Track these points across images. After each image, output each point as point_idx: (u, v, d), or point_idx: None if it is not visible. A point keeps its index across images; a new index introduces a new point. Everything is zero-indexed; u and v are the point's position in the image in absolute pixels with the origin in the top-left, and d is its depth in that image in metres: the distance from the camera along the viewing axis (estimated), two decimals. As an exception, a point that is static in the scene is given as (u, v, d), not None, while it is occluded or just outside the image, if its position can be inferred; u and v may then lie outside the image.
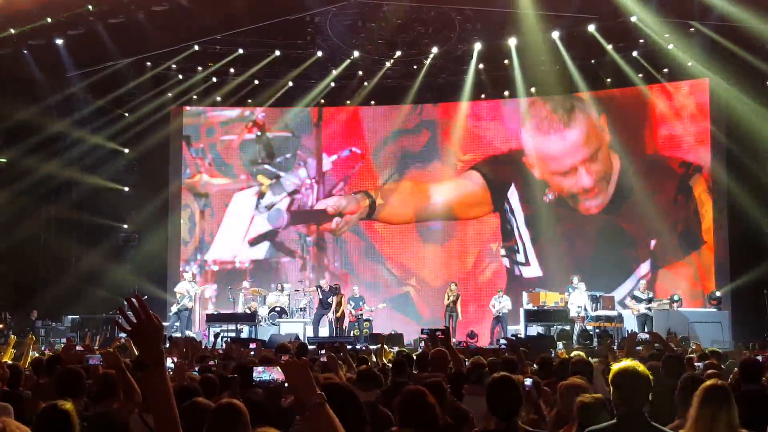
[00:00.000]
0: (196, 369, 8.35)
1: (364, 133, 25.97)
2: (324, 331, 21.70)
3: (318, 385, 3.33)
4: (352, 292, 22.73)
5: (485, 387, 5.03)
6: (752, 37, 19.43)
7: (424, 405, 4.54)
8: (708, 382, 4.83)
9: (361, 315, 22.20)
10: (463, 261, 25.15)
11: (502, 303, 21.99)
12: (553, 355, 11.45)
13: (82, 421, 5.31)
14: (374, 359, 10.32)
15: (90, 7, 19.31)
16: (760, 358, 8.54)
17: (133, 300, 3.19)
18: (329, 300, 21.56)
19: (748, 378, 6.82)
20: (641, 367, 4.40)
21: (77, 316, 21.71)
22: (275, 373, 4.77)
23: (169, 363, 8.50)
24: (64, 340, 15.98)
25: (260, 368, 5.15)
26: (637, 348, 12.34)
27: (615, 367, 4.48)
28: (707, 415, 4.57)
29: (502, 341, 17.71)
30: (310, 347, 13.82)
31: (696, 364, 8.86)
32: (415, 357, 9.22)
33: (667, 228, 22.83)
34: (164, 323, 22.08)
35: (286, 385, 3.45)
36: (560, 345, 17.47)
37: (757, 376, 6.88)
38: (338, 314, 21.63)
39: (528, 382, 6.22)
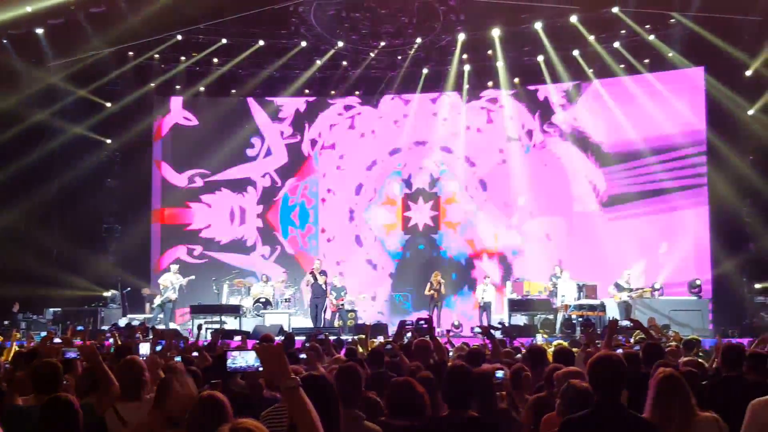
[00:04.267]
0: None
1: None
2: (309, 322, 21.78)
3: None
4: (333, 283, 22.70)
5: None
6: (731, 27, 19.55)
7: (412, 395, 4.59)
8: (660, 372, 4.92)
9: (343, 305, 22.20)
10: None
11: (486, 291, 22.07)
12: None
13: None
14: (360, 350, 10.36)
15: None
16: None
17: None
18: (322, 286, 21.62)
19: (728, 364, 6.89)
20: (617, 356, 4.46)
21: (59, 309, 21.63)
22: (250, 359, 4.78)
23: (145, 350, 8.54)
24: (44, 333, 15.89)
25: (235, 354, 5.15)
26: (620, 337, 12.45)
27: (592, 356, 4.54)
28: (662, 403, 4.69)
29: (476, 329, 17.78)
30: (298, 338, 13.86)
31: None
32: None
33: (649, 216, 22.99)
34: (147, 315, 22.13)
35: (260, 369, 3.50)
36: (539, 337, 17.61)
37: (737, 362, 6.93)
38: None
39: (499, 374, 6.25)
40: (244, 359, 5.15)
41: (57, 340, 10.83)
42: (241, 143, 25.86)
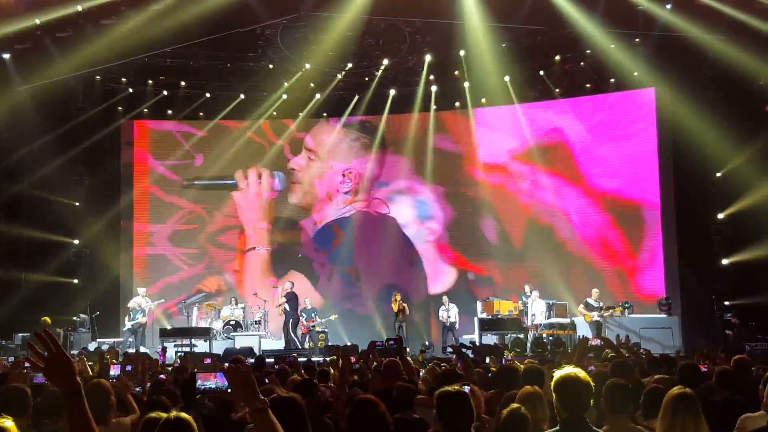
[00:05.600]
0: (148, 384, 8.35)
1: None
2: (281, 343, 21.73)
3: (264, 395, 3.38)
4: (305, 304, 22.69)
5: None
6: (695, 47, 19.81)
7: (374, 415, 4.56)
8: (676, 391, 4.95)
9: (314, 327, 22.18)
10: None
11: (450, 311, 22.18)
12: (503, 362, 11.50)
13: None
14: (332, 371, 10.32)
15: (37, 21, 19.11)
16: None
17: (43, 335, 3.24)
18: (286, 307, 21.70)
19: (686, 383, 6.94)
20: (582, 374, 4.46)
21: (27, 334, 21.35)
22: (219, 381, 4.76)
23: (116, 371, 8.48)
24: (12, 359, 15.68)
25: (204, 375, 5.13)
26: (590, 355, 12.47)
27: (557, 374, 4.53)
28: (676, 422, 4.71)
29: (449, 349, 17.81)
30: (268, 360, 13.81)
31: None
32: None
33: (617, 235, 23.15)
34: (118, 339, 21.95)
35: (229, 391, 3.51)
36: (508, 356, 17.63)
37: (695, 380, 6.97)
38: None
39: (465, 389, 6.25)
40: (214, 381, 5.15)
41: (27, 365, 10.71)
42: (210, 164, 25.88)
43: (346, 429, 4.59)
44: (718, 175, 20.78)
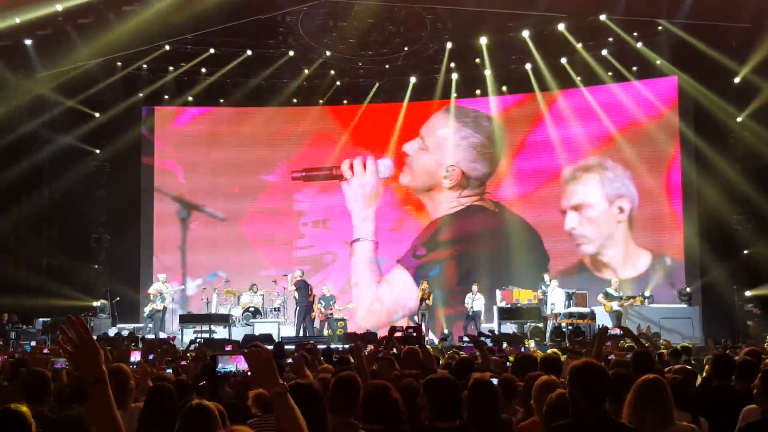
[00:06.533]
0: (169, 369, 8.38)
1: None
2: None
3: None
4: (323, 292, 22.73)
5: None
6: (719, 34, 19.62)
7: (387, 400, 4.55)
8: (645, 377, 4.92)
9: (332, 314, 22.20)
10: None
11: (475, 301, 22.09)
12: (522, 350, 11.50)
13: (50, 423, 5.29)
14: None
15: (59, 7, 19.17)
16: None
17: (74, 321, 3.24)
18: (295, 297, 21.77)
19: (719, 374, 6.90)
20: (602, 364, 4.43)
21: (48, 319, 21.51)
22: (239, 364, 4.75)
23: (135, 358, 8.52)
24: (33, 343, 15.84)
25: (224, 358, 5.13)
26: (607, 343, 12.42)
27: (576, 363, 4.50)
28: (636, 408, 4.71)
29: (465, 338, 17.77)
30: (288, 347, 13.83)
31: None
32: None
33: (636, 224, 23.04)
34: (138, 324, 22.08)
35: (249, 374, 3.49)
36: (532, 343, 17.61)
37: (728, 372, 6.93)
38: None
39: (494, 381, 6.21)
40: (234, 364, 5.16)
41: (46, 351, 10.76)
42: (230, 152, 25.87)
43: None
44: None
